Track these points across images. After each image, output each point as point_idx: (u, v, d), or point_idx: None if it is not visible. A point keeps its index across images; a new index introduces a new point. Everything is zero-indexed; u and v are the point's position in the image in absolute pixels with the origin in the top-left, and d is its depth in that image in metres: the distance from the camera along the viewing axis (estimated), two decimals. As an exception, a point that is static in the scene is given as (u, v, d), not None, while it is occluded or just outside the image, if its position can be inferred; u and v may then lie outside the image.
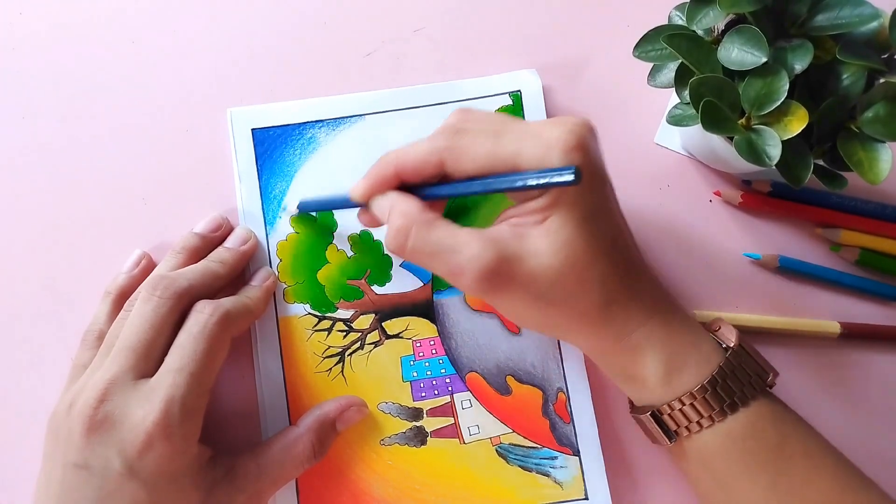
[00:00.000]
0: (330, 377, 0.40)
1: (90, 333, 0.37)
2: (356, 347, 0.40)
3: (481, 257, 0.30)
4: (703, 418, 0.32)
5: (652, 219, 0.42)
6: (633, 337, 0.33)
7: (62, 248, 0.41)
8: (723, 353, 0.33)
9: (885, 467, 0.40)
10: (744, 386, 0.33)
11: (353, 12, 0.44)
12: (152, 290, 0.34)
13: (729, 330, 0.35)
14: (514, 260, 0.30)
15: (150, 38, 0.43)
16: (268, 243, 0.41)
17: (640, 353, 0.33)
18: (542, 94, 0.43)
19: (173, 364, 0.33)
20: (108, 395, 0.32)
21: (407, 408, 0.40)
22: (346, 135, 0.42)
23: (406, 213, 0.32)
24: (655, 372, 0.33)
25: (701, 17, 0.35)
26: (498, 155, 0.30)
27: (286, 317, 0.40)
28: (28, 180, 0.42)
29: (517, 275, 0.31)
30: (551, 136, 0.30)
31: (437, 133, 0.32)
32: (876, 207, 0.42)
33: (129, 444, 0.31)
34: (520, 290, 0.31)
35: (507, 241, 0.31)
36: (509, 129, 0.31)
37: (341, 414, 0.38)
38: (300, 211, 0.40)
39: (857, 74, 0.34)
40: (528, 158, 0.30)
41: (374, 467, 0.39)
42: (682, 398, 0.32)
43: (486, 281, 0.30)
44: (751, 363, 0.34)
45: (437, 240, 0.31)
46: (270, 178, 0.41)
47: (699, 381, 0.32)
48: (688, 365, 0.33)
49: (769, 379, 0.34)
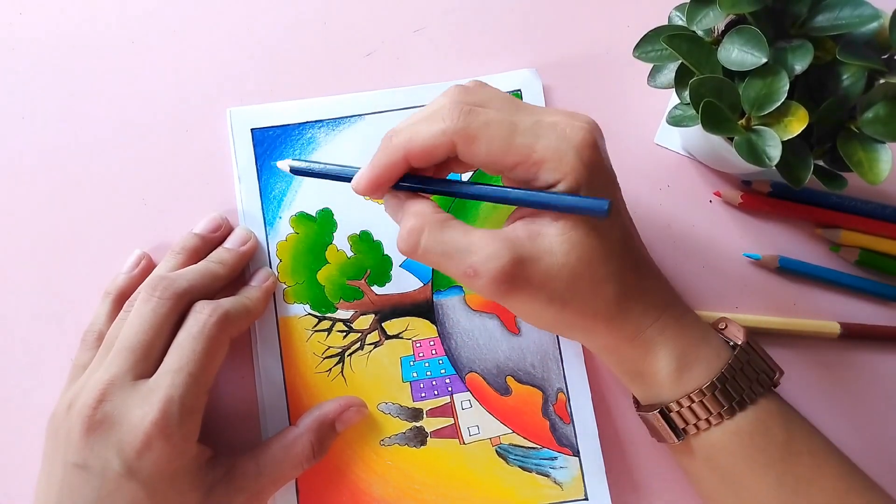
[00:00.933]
0: (330, 377, 0.40)
1: (90, 334, 0.37)
2: (356, 348, 0.40)
3: (497, 259, 0.30)
4: (711, 415, 0.32)
5: (652, 219, 0.42)
6: (646, 333, 0.33)
7: (62, 248, 0.41)
8: (731, 351, 0.33)
9: (886, 467, 0.40)
10: (752, 383, 0.33)
11: (353, 12, 0.44)
12: (152, 291, 0.34)
13: (736, 328, 0.35)
14: (530, 261, 0.30)
15: (150, 38, 0.43)
16: (267, 244, 0.41)
17: (653, 348, 0.33)
18: (543, 93, 0.43)
19: (172, 364, 0.33)
20: (107, 395, 0.32)
21: (407, 408, 0.40)
22: (345, 135, 0.42)
23: (419, 213, 0.31)
24: (667, 367, 0.33)
25: (701, 17, 0.35)
26: (512, 145, 0.30)
27: (286, 317, 0.40)
28: (28, 180, 0.42)
29: (533, 275, 0.30)
30: (567, 132, 0.30)
31: (448, 109, 0.30)
32: (876, 207, 0.42)
33: (127, 444, 0.31)
34: (535, 290, 0.31)
35: (522, 242, 0.30)
36: (524, 118, 0.30)
37: (341, 414, 0.38)
38: (293, 172, 0.38)
39: (857, 75, 0.34)
40: (543, 152, 0.30)
41: (374, 467, 0.39)
42: (691, 395, 0.32)
43: (503, 283, 0.30)
44: (758, 361, 0.34)
45: (451, 240, 0.31)
46: (270, 178, 0.41)
47: (709, 377, 0.32)
48: (699, 361, 0.33)
49: (775, 377, 0.34)
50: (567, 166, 0.30)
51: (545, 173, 0.30)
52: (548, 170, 0.30)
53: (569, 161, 0.30)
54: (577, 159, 0.30)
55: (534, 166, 0.30)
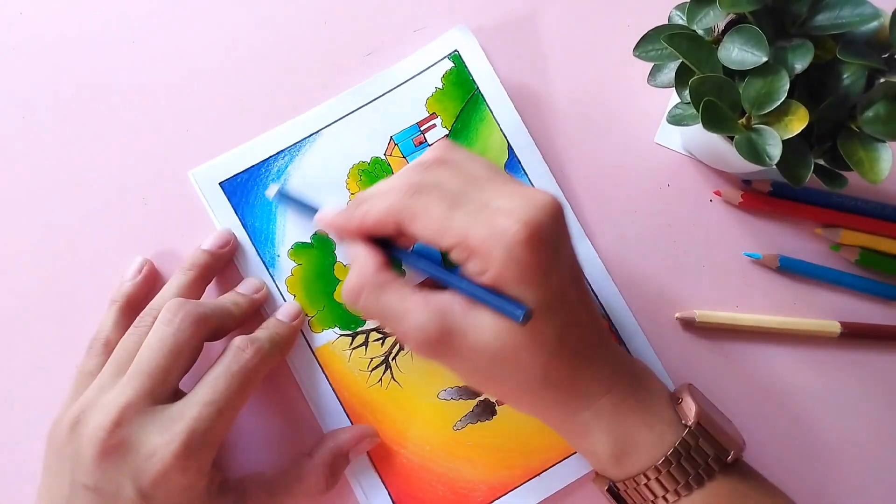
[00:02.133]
0: (383, 387, 0.40)
1: (97, 341, 0.37)
2: (397, 350, 0.40)
3: (424, 329, 0.31)
4: (668, 492, 0.32)
5: (652, 219, 0.42)
6: (579, 416, 0.33)
7: (62, 248, 0.41)
8: (680, 432, 0.32)
9: (886, 467, 0.40)
10: (699, 467, 0.32)
11: (353, 12, 0.44)
12: (174, 314, 0.34)
13: (689, 405, 0.33)
14: (457, 333, 0.31)
15: (150, 37, 0.43)
16: (276, 285, 0.40)
17: (588, 432, 0.33)
18: (481, 48, 0.42)
19: (203, 397, 0.33)
20: (124, 420, 0.31)
21: (465, 387, 0.40)
22: (309, 156, 0.41)
23: (360, 273, 0.32)
24: (605, 451, 0.33)
25: (701, 16, 0.35)
26: (447, 229, 0.30)
27: (320, 347, 0.40)
28: (28, 180, 0.42)
29: (457, 347, 0.31)
30: (502, 225, 0.29)
31: (399, 188, 0.32)
32: (876, 207, 0.42)
33: (144, 472, 0.31)
34: (459, 360, 0.32)
35: (454, 313, 0.31)
36: (472, 199, 0.31)
37: (355, 446, 0.38)
38: (279, 199, 0.40)
39: (858, 74, 0.34)
40: (475, 240, 0.30)
41: (457, 453, 0.39)
42: (635, 478, 0.32)
43: (427, 349, 0.31)
44: (709, 441, 0.32)
45: (386, 305, 0.32)
46: (255, 221, 0.41)
47: (651, 463, 0.32)
48: (637, 447, 0.33)
49: (728, 458, 0.32)
50: (493, 262, 0.30)
51: (472, 262, 0.30)
52: (476, 260, 0.30)
53: (496, 257, 0.29)
54: (506, 256, 0.29)
55: (465, 252, 0.30)
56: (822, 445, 0.41)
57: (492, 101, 0.42)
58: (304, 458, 0.37)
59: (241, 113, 0.42)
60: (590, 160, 0.42)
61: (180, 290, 0.37)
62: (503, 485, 0.39)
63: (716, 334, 0.41)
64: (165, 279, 0.40)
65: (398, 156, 0.42)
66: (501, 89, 0.42)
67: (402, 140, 0.42)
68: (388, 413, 0.40)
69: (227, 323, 0.37)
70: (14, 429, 0.40)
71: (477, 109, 0.42)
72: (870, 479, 0.40)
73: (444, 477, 0.39)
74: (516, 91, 0.43)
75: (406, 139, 0.42)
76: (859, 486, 0.40)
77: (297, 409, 0.40)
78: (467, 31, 0.43)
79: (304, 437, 0.40)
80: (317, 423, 0.40)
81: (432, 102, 0.42)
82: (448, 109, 0.42)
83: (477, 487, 0.39)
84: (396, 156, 0.42)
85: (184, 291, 0.37)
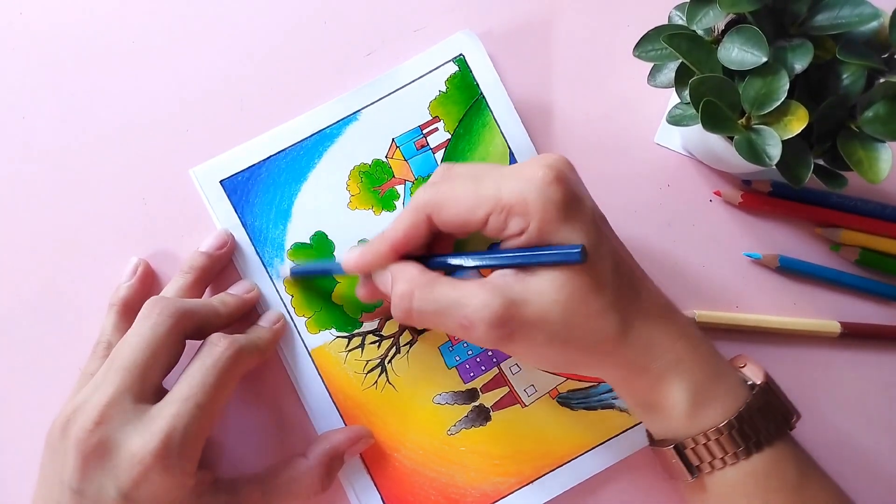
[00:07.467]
0: (378, 389, 0.40)
1: (99, 345, 0.37)
2: (393, 353, 0.40)
3: (489, 306, 0.30)
4: (727, 454, 0.31)
5: (652, 218, 0.42)
6: (657, 364, 0.32)
7: (62, 248, 0.41)
8: (748, 390, 0.32)
9: (886, 467, 0.40)
10: (769, 424, 0.32)
11: (353, 12, 0.44)
12: (151, 309, 0.34)
13: (756, 367, 0.34)
14: (522, 303, 0.30)
15: (150, 37, 0.43)
16: (274, 284, 0.40)
17: (666, 381, 0.32)
18: (485, 52, 0.42)
19: (181, 393, 0.32)
20: (105, 418, 0.31)
21: (461, 392, 0.40)
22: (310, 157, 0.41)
23: (406, 279, 0.32)
24: (682, 403, 0.32)
25: (701, 16, 0.35)
26: (480, 195, 0.30)
27: (316, 348, 0.40)
28: (28, 180, 0.42)
29: (527, 318, 0.30)
30: (529, 173, 0.30)
31: (419, 190, 0.33)
32: (876, 207, 0.42)
33: (124, 472, 0.30)
34: (532, 332, 0.30)
35: (511, 286, 0.30)
36: (488, 173, 0.31)
37: (350, 447, 0.38)
38: (293, 276, 0.40)
39: (857, 74, 0.34)
40: (509, 195, 0.30)
41: (450, 458, 0.39)
42: (707, 433, 0.31)
43: (498, 328, 0.30)
44: (777, 403, 0.33)
45: (441, 296, 0.31)
46: (255, 221, 0.41)
47: (726, 416, 0.31)
48: (716, 398, 0.32)
49: (793, 420, 0.33)
50: (532, 210, 0.30)
51: (512, 221, 0.30)
52: (514, 217, 0.30)
53: (533, 203, 0.29)
54: (542, 199, 0.29)
55: (502, 214, 0.30)
56: (822, 445, 0.40)
57: (495, 107, 0.42)
58: (299, 458, 0.37)
59: (241, 113, 0.42)
60: (590, 160, 0.42)
61: (179, 293, 0.37)
62: (496, 491, 0.39)
63: (716, 334, 0.41)
64: (165, 279, 0.40)
65: (399, 158, 0.42)
66: (505, 94, 0.42)
67: (403, 143, 0.42)
68: (383, 416, 0.40)
69: (212, 320, 0.36)
70: (14, 429, 0.40)
71: (480, 114, 0.42)
72: (870, 478, 0.40)
73: (436, 482, 0.39)
74: (519, 95, 0.42)
75: (408, 142, 0.42)
76: (859, 485, 0.40)
77: (291, 410, 0.40)
78: (473, 34, 0.42)
79: (297, 438, 0.40)
80: (310, 425, 0.40)
81: (435, 106, 0.42)
82: (451, 113, 0.42)
83: (469, 493, 0.39)
84: (398, 158, 0.42)
85: (182, 294, 0.37)
